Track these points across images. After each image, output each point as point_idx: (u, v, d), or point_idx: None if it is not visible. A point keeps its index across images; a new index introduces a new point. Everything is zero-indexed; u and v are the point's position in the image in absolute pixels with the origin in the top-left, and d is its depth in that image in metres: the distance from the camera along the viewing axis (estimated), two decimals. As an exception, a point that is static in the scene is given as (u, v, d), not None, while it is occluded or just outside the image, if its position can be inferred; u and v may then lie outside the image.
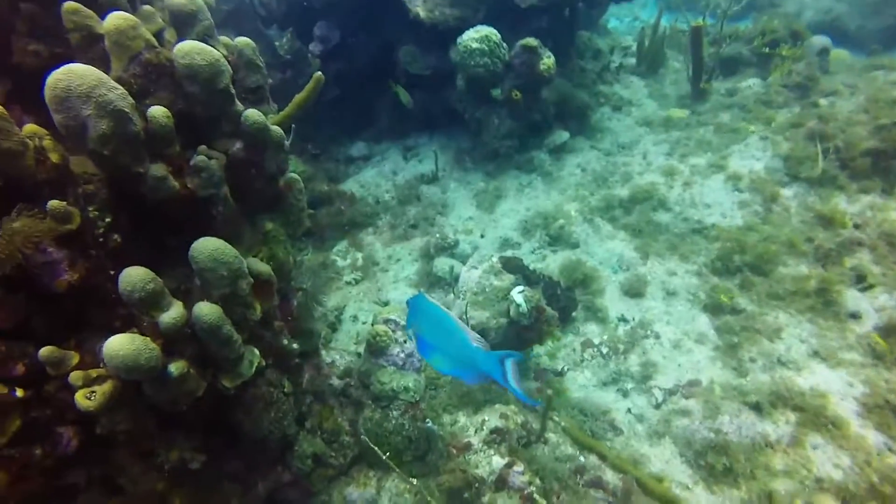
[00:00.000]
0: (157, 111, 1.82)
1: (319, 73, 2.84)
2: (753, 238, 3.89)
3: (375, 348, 3.01)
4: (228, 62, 2.20)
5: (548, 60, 4.63)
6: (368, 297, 4.36)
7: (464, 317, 3.34)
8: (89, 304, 1.79)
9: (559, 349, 3.58)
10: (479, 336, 1.64)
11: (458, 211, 4.89)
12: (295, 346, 2.55)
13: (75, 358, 1.74)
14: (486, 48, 4.50)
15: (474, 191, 5.04)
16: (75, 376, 1.67)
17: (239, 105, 2.12)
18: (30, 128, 1.70)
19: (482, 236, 4.60)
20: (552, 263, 4.18)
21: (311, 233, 5.04)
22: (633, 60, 6.56)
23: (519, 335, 3.20)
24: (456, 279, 4.09)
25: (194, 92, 1.96)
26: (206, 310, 1.88)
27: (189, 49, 1.88)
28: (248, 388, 2.25)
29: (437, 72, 5.13)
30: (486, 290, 3.52)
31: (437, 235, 4.49)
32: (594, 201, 4.60)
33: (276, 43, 5.67)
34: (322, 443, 2.85)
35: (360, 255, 4.77)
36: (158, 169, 1.86)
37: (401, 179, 5.30)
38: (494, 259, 3.78)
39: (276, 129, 2.25)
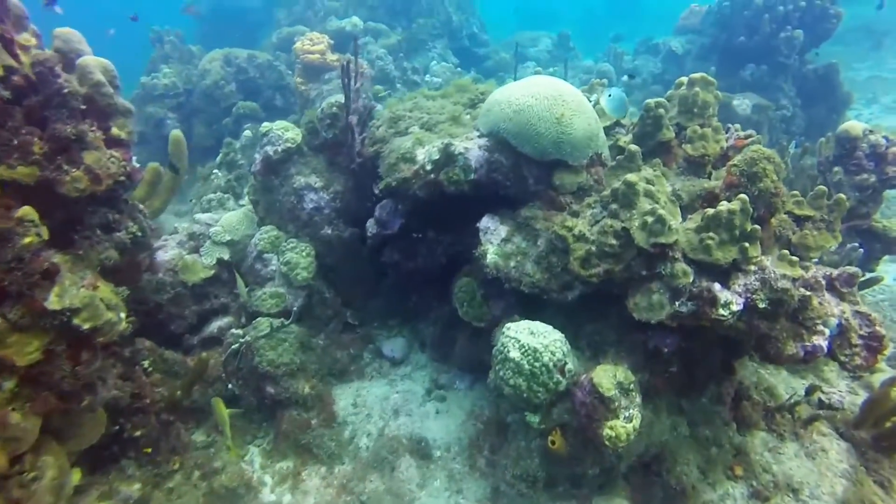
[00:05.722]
0: None
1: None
2: None
3: None
4: None
5: (622, 428, 2.78)
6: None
7: None
8: None
9: None
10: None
11: (411, 533, 3.38)
12: None
13: None
14: (527, 368, 2.88)
15: (456, 512, 3.45)
16: None
17: None
18: None
19: None
20: None
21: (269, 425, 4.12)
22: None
23: None
24: None
25: None
26: None
27: None
28: None
29: (497, 321, 3.63)
30: None
31: (347, 568, 3.10)
32: None
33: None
34: None
35: (287, 500, 3.65)
36: None
37: (396, 428, 3.95)
38: None
39: None
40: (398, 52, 9.95)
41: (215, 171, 6.24)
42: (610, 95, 3.46)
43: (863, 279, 4.64)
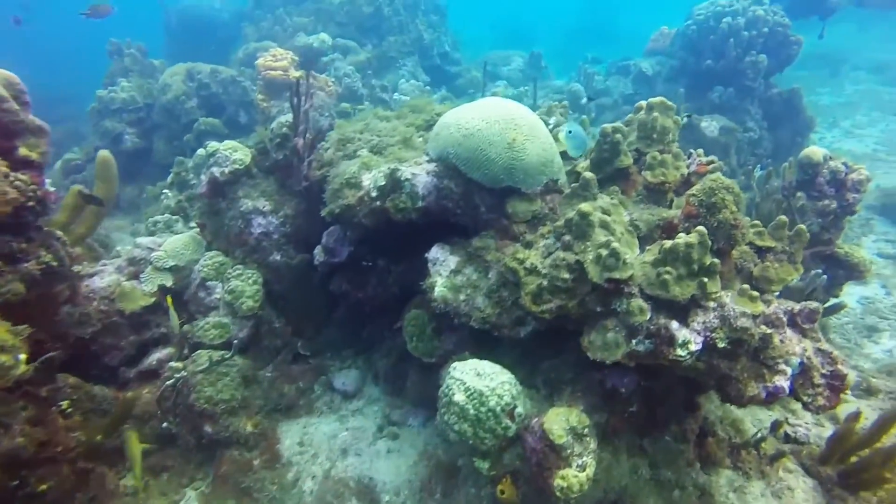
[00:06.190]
0: None
1: None
2: None
3: None
4: None
5: (575, 478, 2.58)
6: None
7: None
8: None
9: None
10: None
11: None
12: None
13: None
14: (472, 412, 2.67)
15: (401, 567, 3.19)
16: None
17: None
18: None
19: None
20: None
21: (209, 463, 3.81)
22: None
23: None
24: None
25: None
26: None
27: None
28: None
29: (448, 356, 3.42)
30: None
31: None
32: None
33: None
34: None
35: (218, 556, 3.34)
36: None
37: (343, 469, 3.68)
38: None
39: None
40: (367, 70, 9.80)
41: (165, 190, 5.93)
42: (570, 132, 3.28)
43: (827, 306, 4.57)
